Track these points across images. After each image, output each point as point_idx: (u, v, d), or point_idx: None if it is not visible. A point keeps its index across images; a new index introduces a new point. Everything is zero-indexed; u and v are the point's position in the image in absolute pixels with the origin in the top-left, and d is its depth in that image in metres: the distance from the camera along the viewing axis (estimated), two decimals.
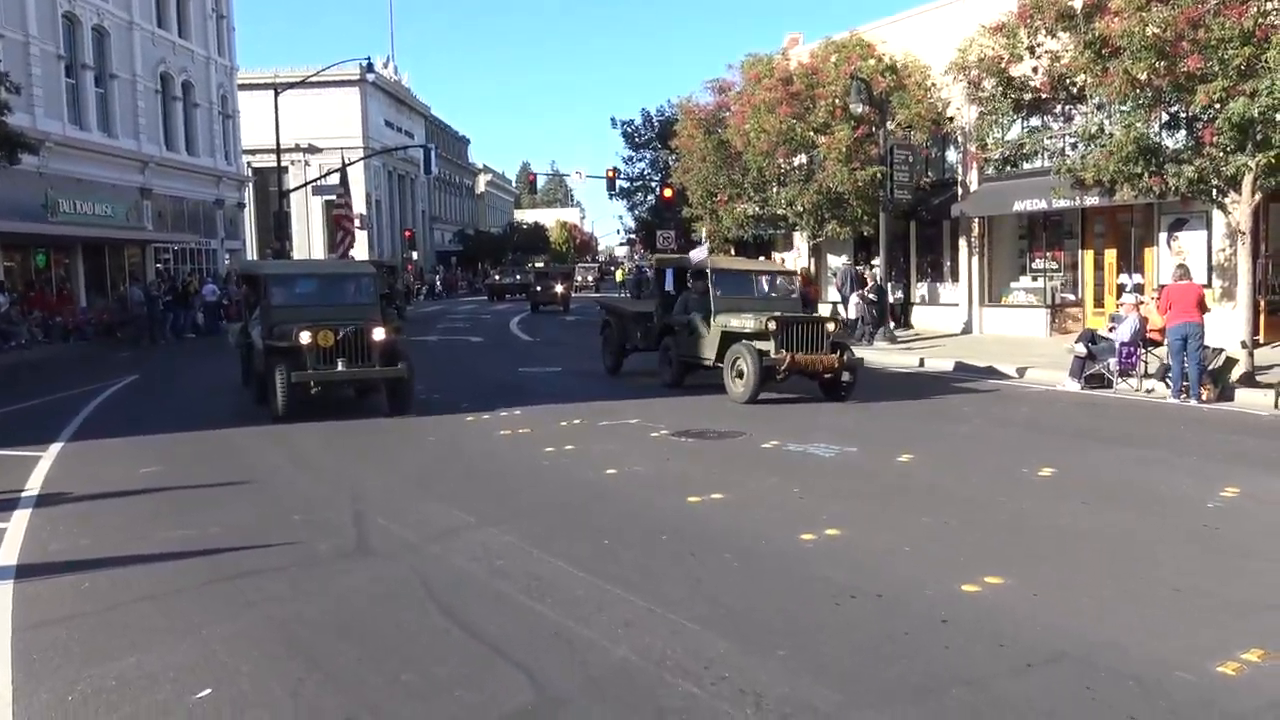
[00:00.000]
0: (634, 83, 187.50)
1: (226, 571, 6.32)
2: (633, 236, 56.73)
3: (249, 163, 47.46)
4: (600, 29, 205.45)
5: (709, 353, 14.45)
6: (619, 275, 69.74)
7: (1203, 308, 13.49)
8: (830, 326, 14.05)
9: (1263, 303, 18.08)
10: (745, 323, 13.95)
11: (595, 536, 7.00)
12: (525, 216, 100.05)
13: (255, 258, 45.37)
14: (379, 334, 12.62)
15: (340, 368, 12.45)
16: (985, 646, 4.95)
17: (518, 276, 51.84)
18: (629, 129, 49.15)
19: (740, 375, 13.56)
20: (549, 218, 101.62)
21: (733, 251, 34.49)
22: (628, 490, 8.56)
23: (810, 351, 13.53)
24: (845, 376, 13.85)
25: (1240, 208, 14.88)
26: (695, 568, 6.28)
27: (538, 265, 51.59)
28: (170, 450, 10.79)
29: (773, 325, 13.49)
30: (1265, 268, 18.28)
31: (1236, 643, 4.90)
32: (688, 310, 15.20)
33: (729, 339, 14.09)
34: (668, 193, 34.87)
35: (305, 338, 12.22)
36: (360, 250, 47.73)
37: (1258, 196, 14.77)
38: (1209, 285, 18.34)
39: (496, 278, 55.79)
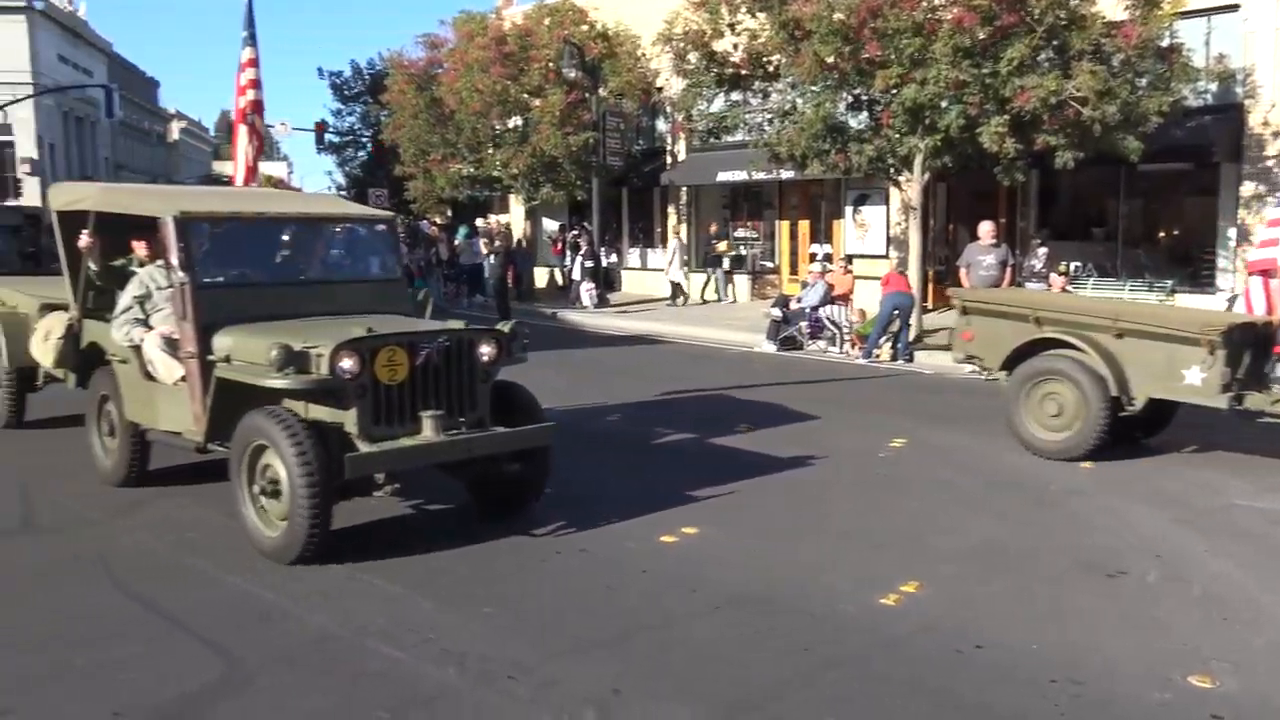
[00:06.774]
0: (343, 32, 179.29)
1: None
2: (344, 194, 54.31)
3: None
4: None
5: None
6: None
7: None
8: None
9: (931, 273, 19.98)
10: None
11: None
12: (225, 168, 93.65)
13: None
14: (487, 351, 6.08)
15: (430, 433, 5.62)
16: (679, 593, 5.22)
17: None
18: (337, 80, 46.91)
19: None
20: None
21: (450, 213, 33.70)
22: None
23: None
24: None
25: (912, 185, 16.33)
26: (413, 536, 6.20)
27: None
28: None
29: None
30: (933, 241, 20.20)
31: (897, 577, 5.44)
32: None
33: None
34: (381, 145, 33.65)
35: (348, 365, 5.47)
36: (32, 199, 42.87)
37: (926, 175, 16.24)
38: (887, 256, 20.12)
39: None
